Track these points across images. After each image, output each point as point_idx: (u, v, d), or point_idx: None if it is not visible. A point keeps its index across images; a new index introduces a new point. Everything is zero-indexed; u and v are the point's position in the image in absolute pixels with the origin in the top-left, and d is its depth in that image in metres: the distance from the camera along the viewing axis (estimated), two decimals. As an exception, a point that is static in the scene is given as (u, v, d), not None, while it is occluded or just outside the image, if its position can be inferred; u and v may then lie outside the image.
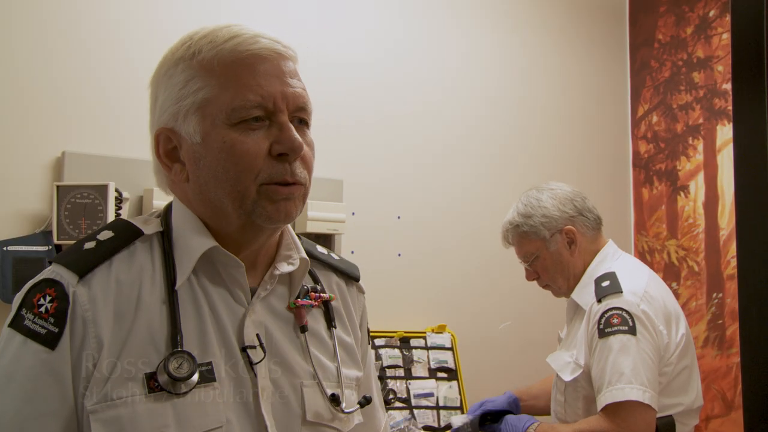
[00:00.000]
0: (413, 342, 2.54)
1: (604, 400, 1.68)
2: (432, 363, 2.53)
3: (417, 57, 2.75)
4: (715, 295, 3.15)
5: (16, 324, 0.87)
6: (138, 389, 0.86)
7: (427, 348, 2.56)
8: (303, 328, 1.01)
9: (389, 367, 2.45)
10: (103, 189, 1.86)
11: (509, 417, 1.91)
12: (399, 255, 2.65)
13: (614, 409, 1.66)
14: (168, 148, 0.95)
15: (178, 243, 0.95)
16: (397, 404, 2.39)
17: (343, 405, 1.01)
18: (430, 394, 2.45)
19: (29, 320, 0.86)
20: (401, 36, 2.72)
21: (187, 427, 0.86)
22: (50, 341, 0.85)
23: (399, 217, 2.66)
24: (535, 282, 2.07)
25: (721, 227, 3.15)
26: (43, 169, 1.91)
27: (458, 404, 2.47)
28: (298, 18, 2.44)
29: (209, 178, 0.92)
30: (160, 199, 1.95)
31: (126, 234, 0.94)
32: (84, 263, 0.89)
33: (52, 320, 0.86)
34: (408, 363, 2.49)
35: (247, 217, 0.92)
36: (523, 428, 1.84)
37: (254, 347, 0.94)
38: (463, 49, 2.90)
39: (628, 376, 1.66)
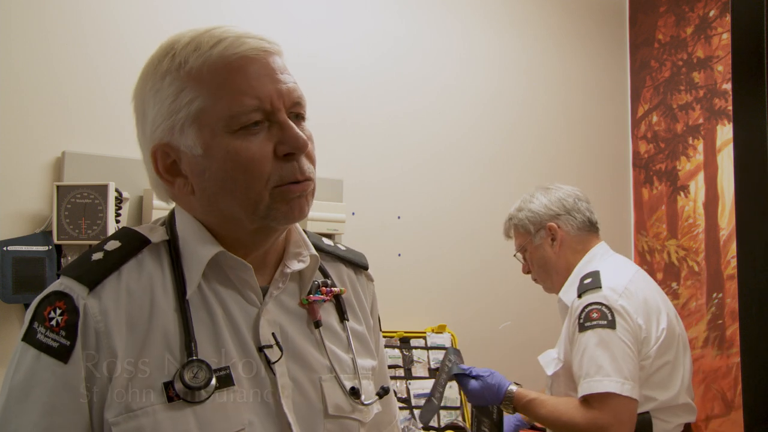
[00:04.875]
0: (413, 342, 2.54)
1: (581, 390, 1.73)
2: (432, 363, 2.53)
3: (417, 57, 2.75)
4: (715, 295, 3.15)
5: (29, 338, 0.87)
6: (157, 398, 0.85)
7: (427, 348, 2.56)
8: (317, 324, 1.01)
9: (389, 367, 2.45)
10: (103, 189, 1.86)
11: (486, 377, 1.94)
12: (399, 255, 2.65)
13: (594, 399, 1.71)
14: (167, 164, 0.94)
15: (185, 251, 0.94)
16: (397, 404, 2.39)
17: (363, 398, 1.02)
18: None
19: (41, 334, 0.86)
20: (401, 36, 2.72)
21: None
22: (62, 354, 0.85)
23: (399, 217, 2.66)
24: (535, 282, 2.14)
25: (721, 227, 3.15)
26: (43, 169, 1.91)
27: (458, 404, 2.47)
28: (298, 19, 2.44)
29: (217, 189, 0.91)
30: (161, 200, 1.95)
31: (133, 243, 0.93)
32: (93, 275, 0.89)
33: (63, 333, 0.85)
34: (408, 363, 2.49)
35: (261, 221, 0.92)
36: (501, 391, 1.88)
37: (271, 346, 0.94)
38: (463, 49, 2.90)
39: (606, 368, 1.70)
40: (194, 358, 0.88)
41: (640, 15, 3.50)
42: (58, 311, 0.86)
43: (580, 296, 1.83)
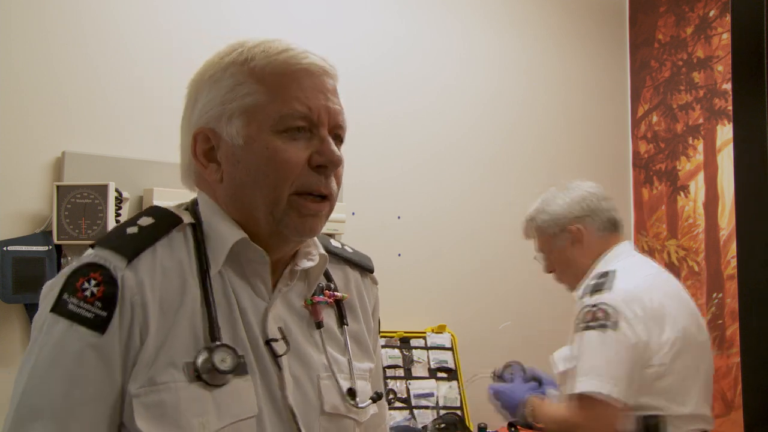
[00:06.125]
0: (413, 342, 2.54)
1: (573, 389, 1.74)
2: (432, 363, 2.53)
3: (417, 57, 2.75)
4: (715, 295, 3.15)
5: (59, 309, 0.86)
6: (180, 376, 0.87)
7: (427, 348, 2.56)
8: (319, 324, 1.04)
9: (389, 367, 2.45)
10: (103, 189, 1.86)
11: (506, 387, 1.96)
12: (399, 255, 2.65)
13: (583, 401, 1.72)
14: (205, 148, 0.97)
15: (209, 234, 0.96)
16: (397, 404, 2.39)
17: (358, 400, 1.03)
18: (430, 394, 2.45)
19: (73, 304, 0.86)
20: (401, 36, 2.72)
21: (225, 415, 0.88)
22: (99, 325, 0.85)
23: (399, 217, 2.66)
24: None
25: (721, 227, 3.15)
26: (43, 169, 1.91)
27: (458, 404, 2.48)
28: (298, 19, 2.44)
29: (246, 181, 0.94)
30: (161, 199, 1.95)
31: (166, 221, 0.95)
32: (131, 248, 0.90)
33: (99, 304, 0.86)
34: (408, 363, 2.49)
35: (276, 224, 0.94)
36: (520, 400, 1.91)
37: (277, 340, 0.96)
38: (463, 49, 2.90)
39: (596, 369, 1.71)
40: (221, 342, 0.89)
41: (640, 15, 3.50)
42: (93, 282, 0.86)
43: (588, 295, 1.81)
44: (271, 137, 0.93)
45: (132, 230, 0.93)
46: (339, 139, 1.01)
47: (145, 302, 0.87)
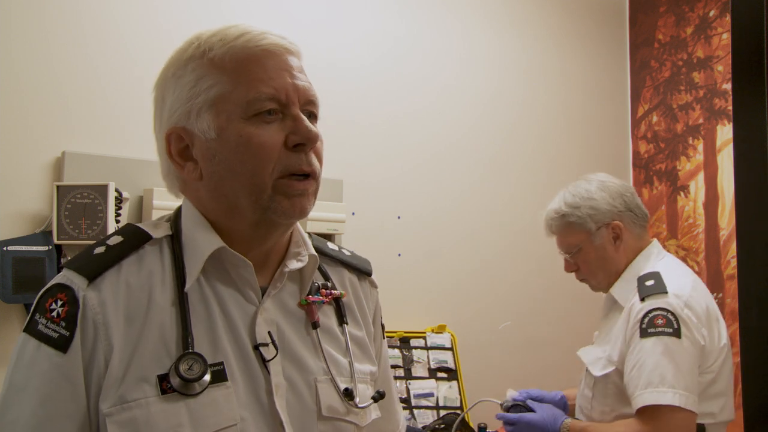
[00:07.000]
0: (413, 342, 2.54)
1: (642, 400, 1.63)
2: (432, 363, 2.53)
3: (417, 57, 2.75)
4: (715, 295, 3.15)
5: (31, 329, 0.89)
6: (151, 391, 0.87)
7: (427, 348, 2.56)
8: (314, 325, 1.02)
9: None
10: (103, 189, 1.86)
11: (543, 412, 1.82)
12: (399, 255, 2.65)
13: (653, 412, 1.62)
14: (180, 147, 0.96)
15: (187, 245, 0.96)
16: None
17: (357, 400, 1.02)
18: (430, 394, 2.45)
19: (42, 324, 0.88)
20: (401, 36, 2.72)
21: (202, 426, 0.88)
22: (62, 345, 0.86)
23: (399, 217, 2.66)
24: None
25: (721, 227, 3.15)
26: (43, 169, 1.91)
27: (458, 404, 2.47)
28: (298, 19, 2.44)
29: (225, 173, 0.93)
30: (160, 199, 1.95)
31: (135, 238, 0.95)
32: (93, 267, 0.90)
33: (63, 324, 0.87)
34: (408, 363, 2.49)
35: (262, 212, 0.93)
36: (557, 424, 1.78)
37: (266, 345, 0.95)
38: (463, 49, 2.90)
39: (670, 379, 1.61)
40: (190, 351, 0.89)
41: (640, 15, 3.50)
42: (59, 302, 0.88)
43: (643, 299, 1.72)
44: (243, 124, 0.92)
45: (99, 250, 0.93)
46: (313, 117, 0.99)
47: (108, 321, 0.87)
